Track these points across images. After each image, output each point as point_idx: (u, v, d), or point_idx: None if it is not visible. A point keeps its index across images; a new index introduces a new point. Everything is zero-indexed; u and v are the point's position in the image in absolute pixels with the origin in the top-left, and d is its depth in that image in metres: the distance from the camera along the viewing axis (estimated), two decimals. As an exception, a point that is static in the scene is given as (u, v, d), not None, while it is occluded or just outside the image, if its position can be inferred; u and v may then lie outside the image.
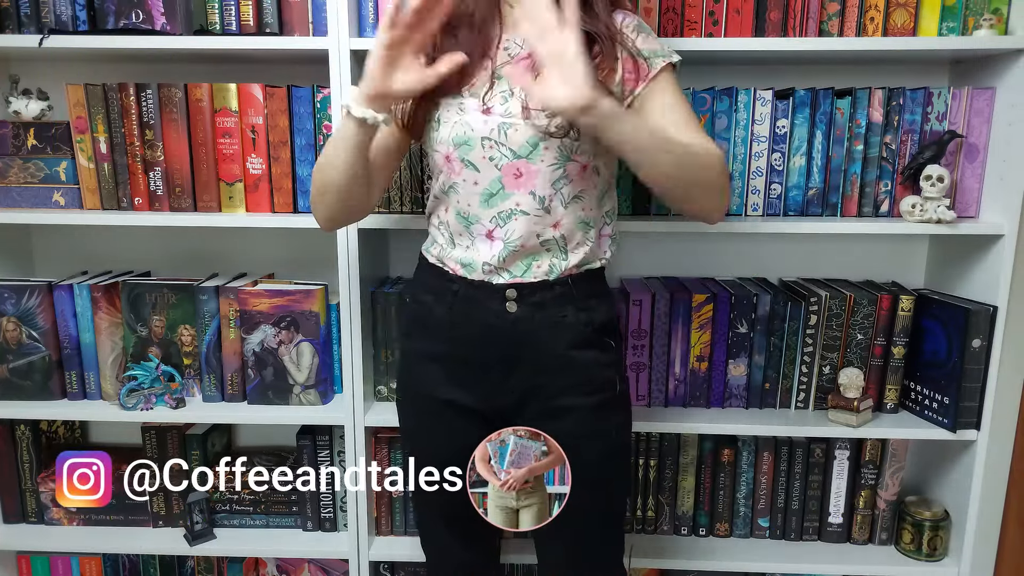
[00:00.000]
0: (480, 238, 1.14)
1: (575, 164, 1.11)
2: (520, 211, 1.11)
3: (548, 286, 1.14)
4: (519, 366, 1.16)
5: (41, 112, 1.55)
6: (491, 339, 1.15)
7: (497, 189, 1.11)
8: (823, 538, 1.66)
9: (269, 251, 1.73)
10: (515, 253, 1.12)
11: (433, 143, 1.14)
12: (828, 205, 1.51)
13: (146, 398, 1.57)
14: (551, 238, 1.13)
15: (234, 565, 1.74)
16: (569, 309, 1.15)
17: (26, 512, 1.70)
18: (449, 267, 1.17)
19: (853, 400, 1.51)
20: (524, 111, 1.09)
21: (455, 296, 1.16)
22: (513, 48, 1.13)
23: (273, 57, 1.54)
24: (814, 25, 1.42)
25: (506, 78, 1.11)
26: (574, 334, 1.16)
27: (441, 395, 1.19)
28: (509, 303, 1.14)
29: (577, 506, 1.19)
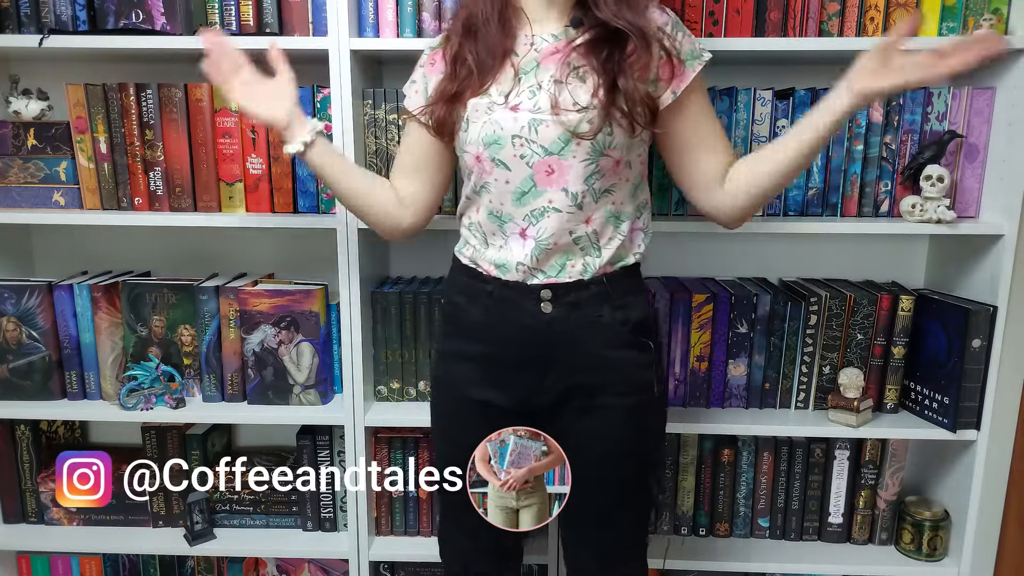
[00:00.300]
0: (513, 237, 1.13)
1: (608, 159, 1.10)
2: (552, 208, 1.10)
3: (583, 285, 1.13)
4: (555, 366, 1.15)
5: (41, 112, 1.55)
6: (526, 339, 1.15)
7: (529, 187, 1.10)
8: (823, 538, 1.66)
9: (269, 251, 1.73)
10: (548, 251, 1.12)
11: (463, 144, 1.13)
12: (828, 205, 1.51)
13: (146, 398, 1.57)
14: (583, 234, 1.12)
15: (234, 565, 1.74)
16: (605, 308, 1.14)
17: (26, 512, 1.70)
18: (483, 268, 1.17)
19: (853, 400, 1.51)
20: (554, 108, 1.07)
21: (490, 297, 1.15)
22: (538, 43, 1.12)
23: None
24: (814, 25, 1.42)
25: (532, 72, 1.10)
26: (610, 334, 1.15)
27: (476, 396, 1.18)
28: (544, 303, 1.13)
29: (605, 504, 1.19)
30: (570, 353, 1.15)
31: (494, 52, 1.11)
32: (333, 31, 1.39)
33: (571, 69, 1.09)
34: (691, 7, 1.41)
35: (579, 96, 1.08)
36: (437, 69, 1.18)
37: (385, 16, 1.43)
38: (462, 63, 1.12)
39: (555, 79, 1.09)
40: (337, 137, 1.42)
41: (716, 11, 1.41)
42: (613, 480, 1.19)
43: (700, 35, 1.42)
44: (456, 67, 1.13)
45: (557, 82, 1.08)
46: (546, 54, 1.11)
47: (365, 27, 1.44)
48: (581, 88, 1.08)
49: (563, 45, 1.11)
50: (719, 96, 1.47)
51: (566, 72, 1.09)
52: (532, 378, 1.16)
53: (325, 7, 1.40)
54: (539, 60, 1.11)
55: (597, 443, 1.17)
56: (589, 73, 1.09)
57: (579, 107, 1.07)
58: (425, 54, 1.22)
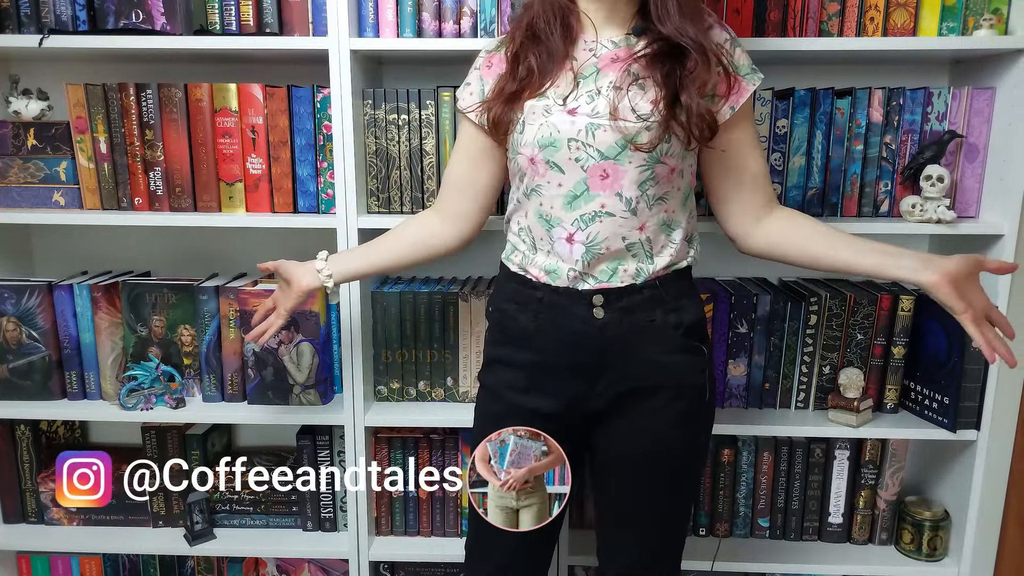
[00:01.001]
0: (560, 242, 1.12)
1: (664, 166, 1.10)
2: (605, 212, 1.10)
3: (636, 290, 1.12)
4: (607, 372, 1.14)
5: (41, 112, 1.55)
6: (578, 346, 1.14)
7: (582, 191, 1.09)
8: (823, 538, 1.66)
9: (269, 251, 1.71)
10: (600, 257, 1.11)
11: (517, 146, 1.12)
12: (828, 205, 1.51)
13: (146, 398, 1.57)
14: (636, 241, 1.12)
15: (234, 565, 1.74)
16: (657, 312, 1.13)
17: (26, 512, 1.70)
18: (532, 275, 1.15)
19: (853, 400, 1.51)
20: (613, 114, 1.07)
21: (540, 303, 1.14)
22: (599, 49, 1.12)
23: (273, 57, 1.54)
24: (814, 25, 1.42)
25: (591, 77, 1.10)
26: (663, 338, 1.14)
27: (525, 403, 1.17)
28: (596, 309, 1.12)
29: (653, 504, 1.19)
30: (622, 358, 1.13)
31: (555, 55, 1.10)
32: (333, 31, 1.39)
33: (632, 78, 1.08)
34: (691, 7, 1.41)
35: (639, 105, 1.07)
36: (494, 72, 1.17)
37: (385, 16, 1.43)
38: (524, 63, 1.12)
39: (615, 86, 1.08)
40: (337, 137, 1.42)
41: (716, 11, 1.41)
42: (661, 483, 1.18)
43: (700, 35, 1.42)
44: (517, 66, 1.13)
45: (617, 88, 1.08)
46: (606, 60, 1.11)
47: (365, 27, 1.44)
48: (641, 97, 1.08)
49: (624, 53, 1.10)
50: (719, 96, 1.47)
51: (627, 80, 1.08)
52: (583, 384, 1.15)
53: (325, 7, 1.40)
54: (599, 66, 1.11)
55: (647, 445, 1.16)
56: (650, 84, 1.08)
57: (639, 116, 1.07)
58: (481, 57, 1.21)
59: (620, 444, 1.18)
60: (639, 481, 1.18)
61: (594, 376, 1.15)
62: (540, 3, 1.12)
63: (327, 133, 1.48)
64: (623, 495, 1.21)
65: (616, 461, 1.20)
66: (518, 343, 1.18)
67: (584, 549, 1.58)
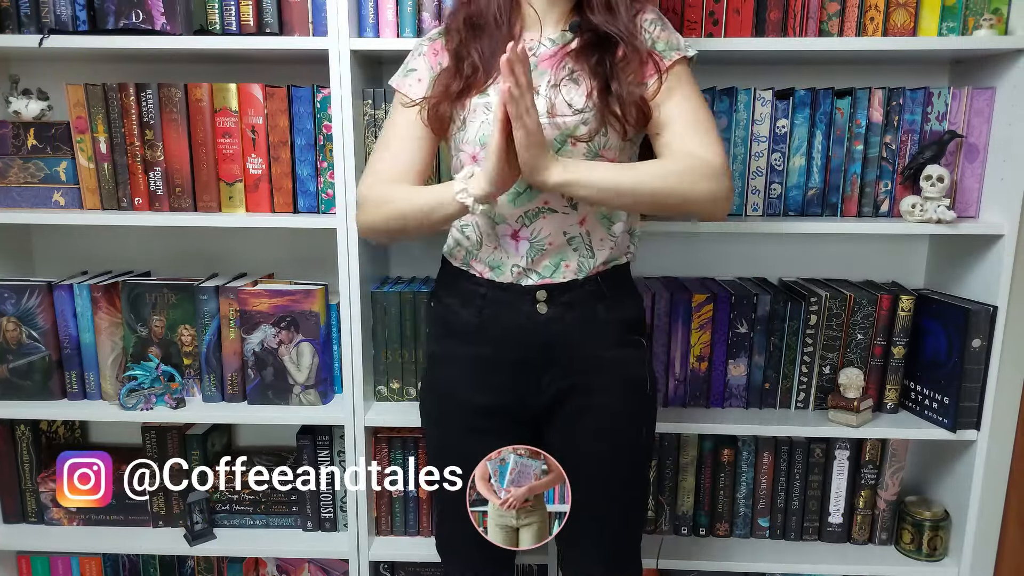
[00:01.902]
0: (505, 239, 1.13)
1: (603, 160, 1.11)
2: (548, 209, 1.11)
3: (578, 285, 1.14)
4: (551, 367, 1.15)
5: (41, 112, 1.55)
6: (522, 341, 1.15)
7: (525, 187, 1.10)
8: (823, 538, 1.66)
9: (269, 251, 1.73)
10: (543, 252, 1.12)
11: (459, 143, 1.13)
12: (828, 205, 1.51)
13: (146, 398, 1.57)
14: (577, 235, 1.13)
15: (234, 565, 1.74)
16: (599, 308, 1.15)
17: (26, 512, 1.70)
18: (476, 270, 1.16)
19: (853, 400, 1.51)
20: (551, 112, 1.08)
21: (484, 299, 1.15)
22: (537, 47, 1.13)
23: (273, 57, 1.54)
24: (814, 25, 1.42)
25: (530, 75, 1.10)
26: (605, 332, 1.15)
27: (471, 400, 1.18)
28: (540, 304, 1.13)
29: (604, 501, 1.19)
30: (565, 353, 1.15)
31: (498, 52, 1.10)
32: (333, 31, 1.39)
33: (566, 73, 1.10)
34: (691, 7, 1.41)
35: (574, 100, 1.08)
36: (441, 58, 1.16)
37: (385, 16, 1.43)
38: (468, 60, 1.11)
39: (551, 83, 1.09)
40: (337, 137, 1.42)
41: (716, 11, 1.41)
42: (612, 478, 1.19)
43: (700, 35, 1.42)
44: (460, 64, 1.12)
45: (553, 86, 1.09)
46: (543, 58, 1.12)
47: (365, 27, 1.44)
48: (575, 91, 1.09)
49: (559, 50, 1.12)
50: (719, 96, 1.47)
51: (561, 76, 1.09)
52: (528, 379, 1.16)
53: (325, 7, 1.40)
54: (537, 63, 1.12)
55: (595, 442, 1.17)
56: (583, 77, 1.09)
57: (575, 110, 1.08)
58: (424, 44, 1.20)
59: (566, 442, 1.19)
60: (588, 478, 1.18)
61: (538, 371, 1.16)
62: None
63: (327, 133, 1.48)
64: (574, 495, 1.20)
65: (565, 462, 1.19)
66: (462, 338, 1.18)
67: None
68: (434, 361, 1.25)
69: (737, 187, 1.50)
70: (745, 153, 1.48)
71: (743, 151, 1.48)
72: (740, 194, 1.50)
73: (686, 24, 1.42)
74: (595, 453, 1.18)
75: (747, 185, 1.49)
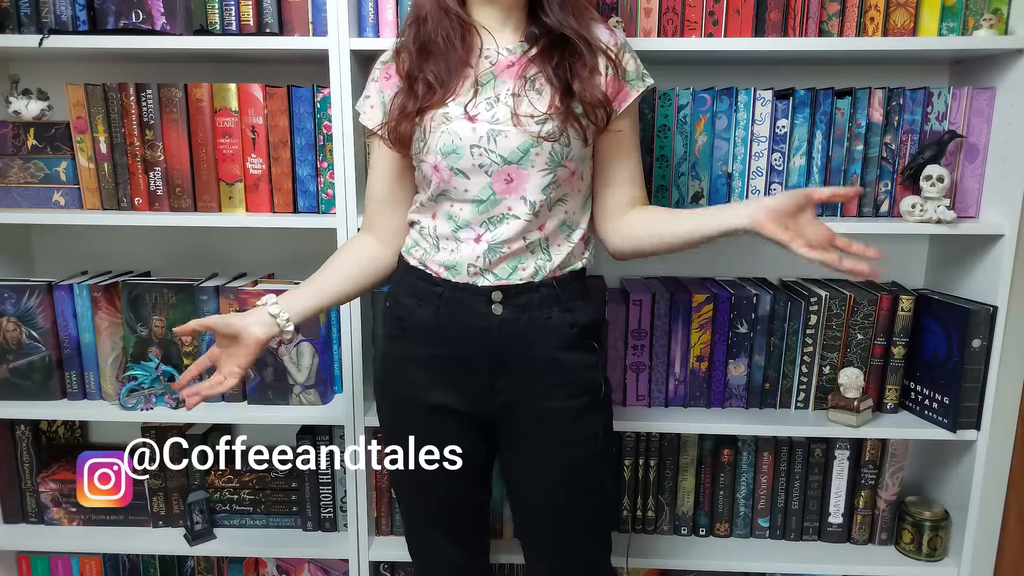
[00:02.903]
0: (467, 242, 1.13)
1: (565, 170, 1.12)
2: (512, 215, 1.12)
3: (534, 288, 1.14)
4: (505, 368, 1.16)
5: (41, 112, 1.55)
6: (477, 341, 1.15)
7: (488, 195, 1.11)
8: (823, 538, 1.66)
9: (269, 251, 1.73)
10: (502, 256, 1.13)
11: (420, 153, 1.13)
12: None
13: (146, 398, 1.57)
14: (536, 240, 1.14)
15: (234, 565, 1.74)
16: (554, 311, 1.15)
17: (26, 512, 1.70)
18: (432, 270, 1.16)
19: (853, 400, 1.51)
20: (514, 117, 1.09)
21: (440, 299, 1.15)
22: (495, 56, 1.13)
23: (273, 57, 1.54)
24: (814, 25, 1.42)
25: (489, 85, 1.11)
26: (559, 335, 1.16)
27: (427, 399, 1.18)
28: (495, 305, 1.14)
29: (564, 508, 1.20)
30: (520, 354, 1.15)
31: (452, 69, 1.11)
32: (333, 31, 1.39)
33: (527, 81, 1.11)
34: (691, 7, 1.41)
35: (538, 105, 1.09)
36: (392, 84, 1.17)
37: (385, 16, 1.43)
38: (422, 81, 1.12)
39: (513, 92, 1.10)
40: (337, 137, 1.42)
41: (716, 11, 1.41)
42: (569, 484, 1.19)
43: (700, 35, 1.42)
44: (414, 85, 1.13)
45: (515, 95, 1.10)
46: (502, 67, 1.12)
47: (365, 27, 1.44)
48: (538, 99, 1.10)
49: (518, 58, 1.12)
50: (719, 96, 1.47)
51: (522, 84, 1.10)
52: (483, 380, 1.16)
53: (325, 7, 1.40)
54: (495, 73, 1.12)
55: (550, 448, 1.18)
56: (544, 83, 1.11)
57: (539, 116, 1.09)
58: (378, 68, 1.21)
59: (521, 448, 1.20)
60: (544, 486, 1.20)
61: (493, 372, 1.16)
62: (432, 19, 1.12)
63: (327, 133, 1.48)
64: (531, 502, 1.23)
65: (520, 468, 1.22)
66: (418, 338, 1.18)
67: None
68: (388, 361, 1.25)
69: (737, 187, 1.50)
70: (745, 153, 1.48)
71: (743, 151, 1.48)
72: (740, 194, 1.50)
73: (686, 24, 1.42)
74: (549, 460, 1.19)
75: (747, 185, 1.49)
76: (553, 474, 1.19)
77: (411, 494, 1.29)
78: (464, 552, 1.30)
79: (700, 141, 1.48)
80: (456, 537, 1.28)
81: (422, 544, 1.32)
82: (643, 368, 1.58)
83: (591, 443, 1.20)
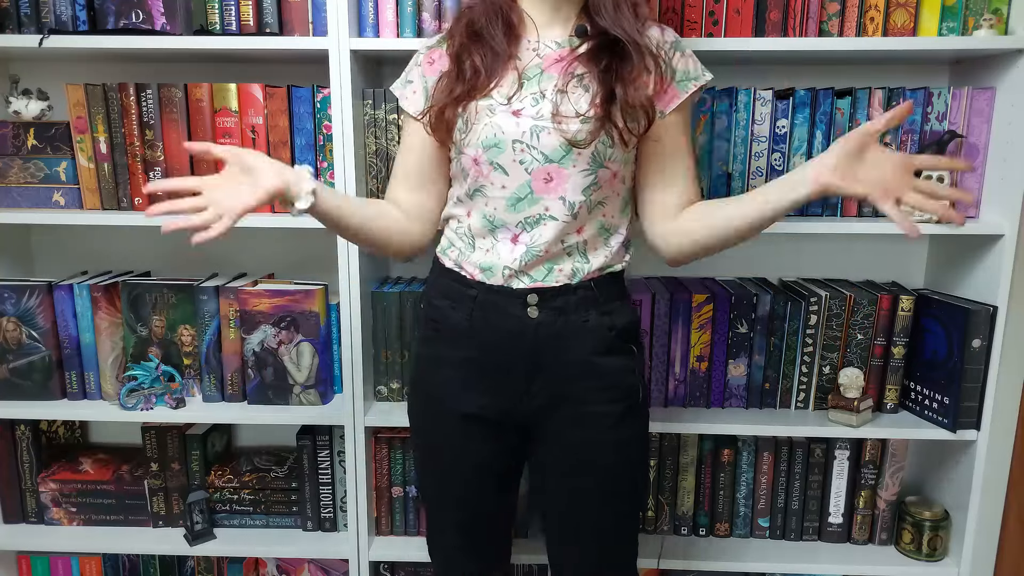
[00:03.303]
0: (504, 242, 1.12)
1: (607, 171, 1.10)
2: (549, 216, 1.10)
3: (570, 290, 1.13)
4: (541, 372, 1.14)
5: (41, 112, 1.55)
6: (512, 345, 1.13)
7: (526, 194, 1.09)
8: (823, 538, 1.66)
9: (269, 251, 1.73)
10: (539, 258, 1.11)
11: (461, 145, 1.12)
12: (828, 205, 1.51)
13: (146, 398, 1.57)
14: (574, 243, 1.12)
15: (234, 565, 1.74)
16: (592, 313, 1.13)
17: (26, 512, 1.70)
18: (467, 271, 1.15)
19: (853, 400, 1.51)
20: (555, 116, 1.07)
21: (474, 302, 1.14)
22: (542, 49, 1.12)
23: (273, 57, 1.54)
24: (814, 25, 1.42)
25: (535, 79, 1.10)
26: (597, 339, 1.14)
27: (459, 404, 1.17)
28: (531, 308, 1.12)
29: (596, 512, 1.19)
30: (556, 358, 1.14)
31: (499, 55, 1.10)
32: (333, 31, 1.39)
33: (574, 77, 1.09)
34: (691, 7, 1.41)
35: (580, 105, 1.07)
36: (436, 69, 1.17)
37: (385, 16, 1.43)
38: (468, 63, 1.11)
39: (558, 88, 1.08)
40: (337, 137, 1.42)
41: (716, 11, 1.41)
42: (604, 488, 1.18)
43: (700, 35, 1.42)
44: (462, 67, 1.12)
45: (560, 91, 1.08)
46: (550, 61, 1.11)
47: (365, 27, 1.44)
48: (583, 97, 1.08)
49: (567, 53, 1.10)
50: (719, 96, 1.47)
51: (568, 80, 1.08)
52: (518, 384, 1.15)
53: (325, 7, 1.40)
54: (543, 67, 1.11)
55: (587, 452, 1.16)
56: (591, 82, 1.08)
57: (579, 116, 1.07)
58: (421, 53, 1.20)
59: (557, 451, 1.18)
60: (578, 489, 1.18)
61: (529, 376, 1.14)
62: (481, 2, 1.12)
63: (327, 133, 1.48)
64: (565, 505, 1.21)
65: (555, 471, 1.20)
66: (452, 341, 1.17)
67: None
68: (422, 363, 1.24)
69: (737, 187, 1.50)
70: (745, 153, 1.48)
71: (743, 151, 1.48)
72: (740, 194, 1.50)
73: (686, 24, 1.42)
74: (585, 463, 1.17)
75: (747, 185, 1.49)
76: (588, 477, 1.17)
77: (435, 498, 1.27)
78: (485, 556, 1.29)
79: (700, 141, 1.48)
80: (478, 542, 1.27)
81: (443, 547, 1.30)
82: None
83: (628, 448, 1.19)
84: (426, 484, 1.29)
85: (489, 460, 1.20)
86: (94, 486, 1.68)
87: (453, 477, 1.21)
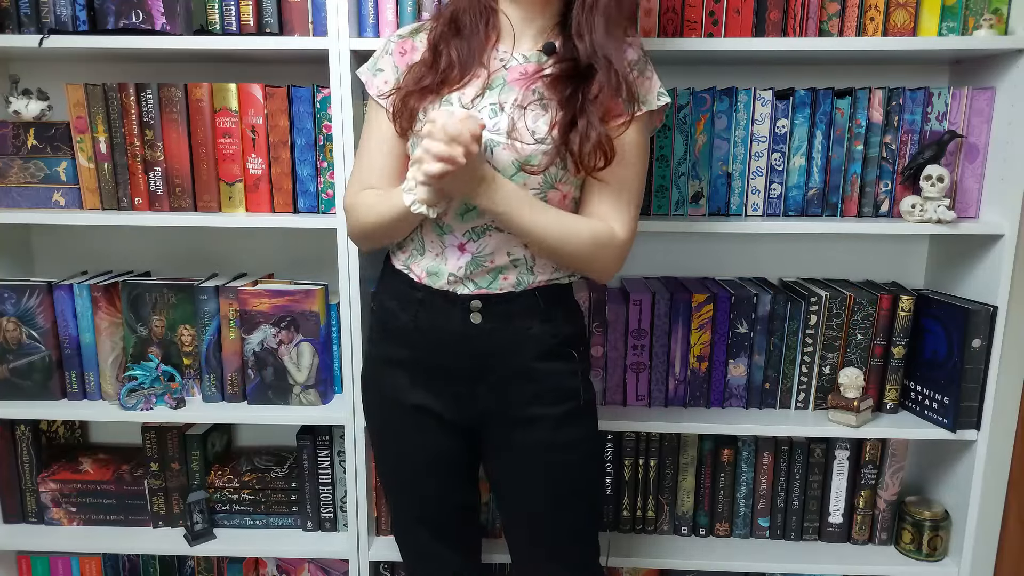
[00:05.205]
0: (451, 248, 1.12)
1: (556, 192, 1.10)
2: (495, 228, 1.10)
3: (514, 297, 1.13)
4: (485, 376, 1.15)
5: (41, 112, 1.55)
6: (456, 349, 1.14)
7: (474, 205, 1.08)
8: (823, 538, 1.66)
9: (269, 251, 1.73)
10: (483, 268, 1.12)
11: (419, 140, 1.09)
12: (828, 205, 1.51)
13: (146, 398, 1.57)
14: (520, 256, 1.12)
15: (234, 565, 1.74)
16: (535, 322, 1.14)
17: (26, 512, 1.70)
18: (415, 274, 1.16)
19: (853, 400, 1.51)
20: (510, 133, 1.06)
21: (420, 304, 1.15)
22: (510, 60, 1.11)
23: (273, 57, 1.54)
24: (814, 25, 1.42)
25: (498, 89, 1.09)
26: (539, 346, 1.15)
27: (409, 400, 1.18)
28: (473, 314, 1.13)
29: (548, 513, 1.20)
30: (500, 364, 1.14)
31: (474, 52, 1.09)
32: (333, 31, 1.39)
33: (535, 97, 1.08)
34: (691, 7, 1.41)
35: (538, 127, 1.07)
36: (407, 59, 1.15)
37: (385, 16, 1.43)
38: (444, 54, 1.09)
39: (518, 104, 1.07)
40: (337, 137, 1.42)
41: (716, 11, 1.41)
42: (553, 489, 1.19)
43: (700, 35, 1.42)
44: (438, 56, 1.10)
45: (519, 107, 1.07)
46: (514, 74, 1.10)
47: (365, 27, 1.44)
48: (542, 118, 1.07)
49: (532, 69, 1.09)
50: (719, 96, 1.47)
51: (530, 99, 1.07)
52: (462, 386, 1.16)
53: (325, 7, 1.40)
54: (507, 79, 1.10)
55: (533, 454, 1.17)
56: (552, 105, 1.07)
57: (536, 138, 1.06)
58: (392, 42, 1.18)
59: (505, 455, 1.20)
60: (529, 491, 1.20)
61: (472, 380, 1.15)
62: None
63: (327, 133, 1.48)
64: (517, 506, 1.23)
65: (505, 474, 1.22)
66: (398, 341, 1.18)
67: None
68: (372, 362, 1.26)
69: (737, 187, 1.50)
70: (745, 153, 1.48)
71: (743, 151, 1.48)
72: (740, 194, 1.50)
73: (686, 24, 1.42)
74: (532, 466, 1.18)
75: (747, 185, 1.50)
76: (537, 480, 1.19)
77: (397, 494, 1.29)
78: (453, 552, 1.30)
79: (700, 141, 1.48)
80: (443, 537, 1.28)
81: (410, 544, 1.32)
82: (643, 368, 1.58)
83: (574, 449, 1.19)
84: (388, 483, 1.31)
85: (444, 451, 1.21)
86: (94, 486, 1.68)
87: (409, 467, 1.23)
